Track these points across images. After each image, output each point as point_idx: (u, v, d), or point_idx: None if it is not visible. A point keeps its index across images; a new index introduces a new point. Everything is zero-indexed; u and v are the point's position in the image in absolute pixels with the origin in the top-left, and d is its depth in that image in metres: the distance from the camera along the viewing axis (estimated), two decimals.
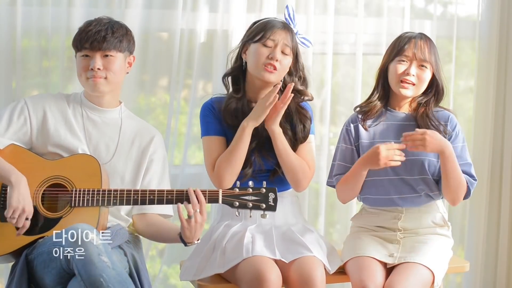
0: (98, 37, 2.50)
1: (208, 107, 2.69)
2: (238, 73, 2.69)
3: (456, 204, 2.72)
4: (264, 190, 2.37)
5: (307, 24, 3.22)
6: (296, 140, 2.67)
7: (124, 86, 3.05)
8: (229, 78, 2.71)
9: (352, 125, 2.78)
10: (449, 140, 2.67)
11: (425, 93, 2.74)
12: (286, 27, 2.64)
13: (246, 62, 2.66)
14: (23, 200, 2.34)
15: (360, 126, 2.76)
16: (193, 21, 3.12)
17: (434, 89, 2.73)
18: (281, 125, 2.63)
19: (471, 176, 2.70)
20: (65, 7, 2.96)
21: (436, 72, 2.70)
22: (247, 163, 2.62)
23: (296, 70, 2.69)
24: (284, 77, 2.67)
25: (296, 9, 3.20)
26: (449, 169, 2.62)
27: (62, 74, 2.99)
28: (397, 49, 2.70)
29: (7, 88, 2.97)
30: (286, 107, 2.58)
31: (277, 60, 2.58)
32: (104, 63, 2.51)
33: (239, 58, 2.69)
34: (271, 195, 2.37)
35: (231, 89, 2.70)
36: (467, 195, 2.72)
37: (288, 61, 2.63)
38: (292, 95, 2.57)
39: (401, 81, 2.68)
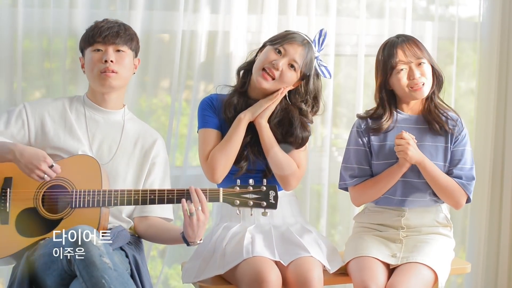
0: (111, 32, 2.54)
1: (207, 102, 2.69)
2: (250, 68, 2.67)
3: (459, 207, 2.73)
4: (264, 188, 2.38)
5: (309, 25, 3.21)
6: (290, 144, 2.65)
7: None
8: (241, 72, 2.70)
9: (362, 127, 2.76)
10: (455, 142, 2.70)
11: None
12: (305, 45, 2.61)
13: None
14: (30, 164, 2.34)
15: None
16: (195, 22, 3.11)
17: (434, 77, 2.73)
18: (278, 129, 2.63)
19: (471, 178, 2.70)
20: (67, 9, 2.96)
21: (431, 61, 2.71)
22: (241, 157, 2.62)
23: (305, 92, 2.65)
24: (290, 94, 2.65)
25: (297, 10, 3.20)
26: (434, 177, 2.64)
27: (64, 75, 2.98)
28: (390, 63, 2.68)
29: (8, 90, 2.96)
30: (274, 105, 2.60)
31: (277, 69, 2.57)
32: (116, 58, 2.54)
33: (255, 55, 2.69)
34: (272, 193, 2.37)
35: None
36: (468, 199, 2.72)
37: (291, 75, 2.60)
38: (282, 96, 2.59)
39: (411, 87, 2.68)
